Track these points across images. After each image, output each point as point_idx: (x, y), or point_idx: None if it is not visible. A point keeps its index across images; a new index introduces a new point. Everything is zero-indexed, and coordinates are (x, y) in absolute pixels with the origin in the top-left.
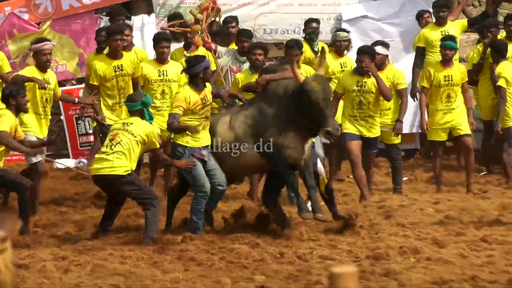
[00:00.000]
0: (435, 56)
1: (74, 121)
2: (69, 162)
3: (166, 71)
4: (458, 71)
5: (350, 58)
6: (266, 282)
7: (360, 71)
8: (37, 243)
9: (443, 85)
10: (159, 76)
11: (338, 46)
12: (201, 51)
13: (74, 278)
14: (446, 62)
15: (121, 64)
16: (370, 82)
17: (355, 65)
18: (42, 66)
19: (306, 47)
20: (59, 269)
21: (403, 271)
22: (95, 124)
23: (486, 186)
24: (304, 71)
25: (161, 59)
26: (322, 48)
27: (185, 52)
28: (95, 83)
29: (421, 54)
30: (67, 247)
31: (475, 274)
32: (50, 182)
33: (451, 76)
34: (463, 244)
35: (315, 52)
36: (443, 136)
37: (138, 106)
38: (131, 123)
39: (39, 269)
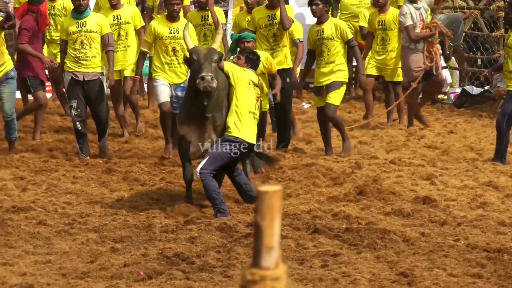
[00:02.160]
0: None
1: None
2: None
3: (177, 28)
4: (391, 16)
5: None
6: (201, 200)
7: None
8: None
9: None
10: (170, 33)
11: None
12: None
13: (31, 195)
14: (380, 8)
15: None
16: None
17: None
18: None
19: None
20: (18, 187)
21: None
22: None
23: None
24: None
25: (172, 16)
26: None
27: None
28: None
29: None
30: (25, 168)
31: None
32: None
33: (384, 21)
34: (374, 166)
35: None
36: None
37: None
38: None
39: (0, 188)
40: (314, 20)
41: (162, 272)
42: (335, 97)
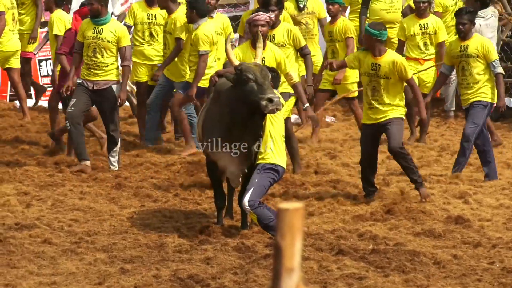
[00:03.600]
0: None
1: (37, 63)
2: (31, 102)
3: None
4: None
5: (434, 17)
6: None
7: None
8: (0, 179)
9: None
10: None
11: (418, 8)
12: None
13: (35, 212)
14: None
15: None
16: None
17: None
18: None
19: (290, 3)
20: (22, 203)
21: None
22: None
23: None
24: (284, 30)
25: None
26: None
27: None
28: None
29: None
30: (29, 183)
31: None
32: (11, 120)
33: (332, 32)
34: (403, 183)
35: (300, 9)
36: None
37: None
38: None
39: (3, 203)
40: None
41: None
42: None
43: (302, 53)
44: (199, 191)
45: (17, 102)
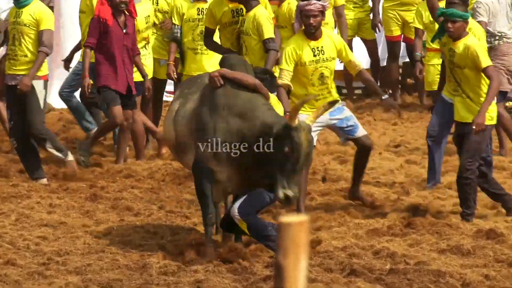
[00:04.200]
0: None
1: None
2: None
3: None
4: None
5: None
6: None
7: None
8: None
9: None
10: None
11: None
12: None
13: None
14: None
15: None
16: None
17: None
18: None
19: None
20: None
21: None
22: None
23: None
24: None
25: None
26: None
27: None
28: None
29: None
30: None
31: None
32: None
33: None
34: (426, 192)
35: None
36: None
37: None
38: None
39: None
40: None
41: None
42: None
43: (265, 46)
44: (187, 202)
45: None
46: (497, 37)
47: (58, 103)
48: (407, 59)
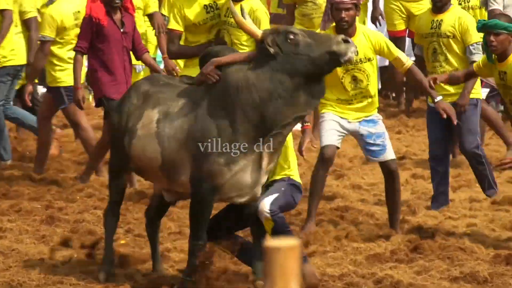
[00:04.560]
0: None
1: None
2: None
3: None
4: None
5: None
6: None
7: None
8: None
9: None
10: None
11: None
12: None
13: None
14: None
15: None
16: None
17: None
18: None
19: None
20: None
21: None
22: None
23: None
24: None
25: None
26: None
27: None
28: None
29: None
30: None
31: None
32: None
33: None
34: (435, 211)
35: None
36: None
37: None
38: None
39: None
40: None
41: None
42: None
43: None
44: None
45: None
46: None
47: None
48: (413, 58)
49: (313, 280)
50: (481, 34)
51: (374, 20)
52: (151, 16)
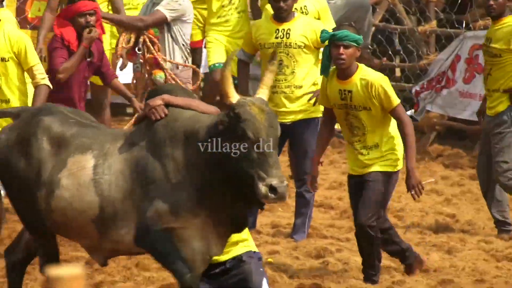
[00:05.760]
0: None
1: None
2: None
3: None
4: None
5: None
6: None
7: None
8: None
9: None
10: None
11: None
12: None
13: None
14: None
15: None
16: None
17: None
18: None
19: None
20: None
21: None
22: None
23: None
24: None
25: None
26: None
27: None
28: None
29: None
30: None
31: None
32: None
33: None
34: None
35: None
36: None
37: None
38: None
39: None
40: None
41: None
42: None
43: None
44: None
45: None
46: None
47: None
48: None
49: None
50: None
51: None
52: None
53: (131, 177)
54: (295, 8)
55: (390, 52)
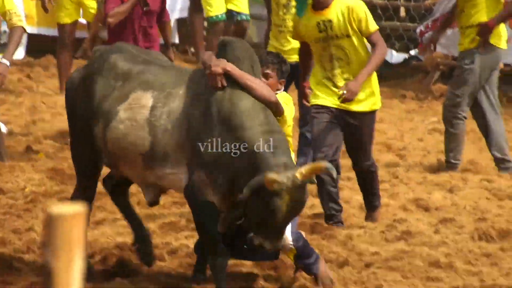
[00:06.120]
0: None
1: None
2: None
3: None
4: None
5: None
6: None
7: None
8: None
9: None
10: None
11: None
12: None
13: None
14: None
15: None
16: None
17: None
18: None
19: None
20: None
21: None
22: None
23: None
24: None
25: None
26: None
27: None
28: None
29: None
30: None
31: None
32: None
33: None
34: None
35: None
36: None
37: None
38: None
39: None
40: None
41: None
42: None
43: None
44: None
45: None
46: None
47: None
48: None
49: (326, 281)
50: None
51: None
52: None
53: (187, 133)
54: None
55: None
